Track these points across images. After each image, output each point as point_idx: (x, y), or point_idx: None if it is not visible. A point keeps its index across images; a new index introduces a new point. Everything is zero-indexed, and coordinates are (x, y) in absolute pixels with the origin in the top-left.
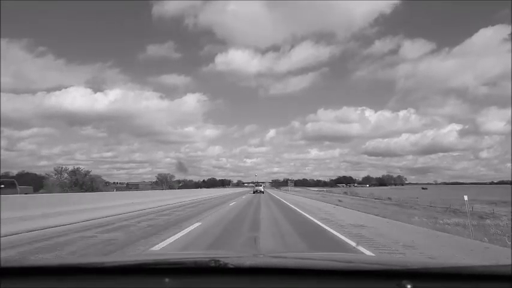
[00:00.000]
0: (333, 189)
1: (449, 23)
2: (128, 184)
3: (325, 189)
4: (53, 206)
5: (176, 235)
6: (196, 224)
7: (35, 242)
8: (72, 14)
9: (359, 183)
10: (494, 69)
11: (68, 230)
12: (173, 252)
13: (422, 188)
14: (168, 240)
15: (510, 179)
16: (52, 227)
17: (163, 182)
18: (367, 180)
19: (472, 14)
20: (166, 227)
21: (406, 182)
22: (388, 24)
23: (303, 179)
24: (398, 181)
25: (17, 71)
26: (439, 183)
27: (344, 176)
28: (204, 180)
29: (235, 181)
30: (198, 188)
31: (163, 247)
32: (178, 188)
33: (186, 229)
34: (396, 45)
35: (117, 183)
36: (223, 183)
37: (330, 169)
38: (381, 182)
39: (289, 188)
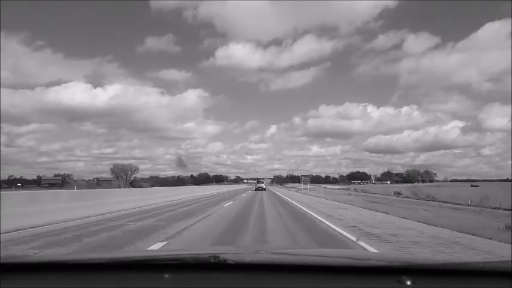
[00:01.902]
0: (365, 187)
1: (456, 16)
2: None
3: (352, 188)
4: None
5: None
6: None
7: None
8: (69, 7)
9: (378, 180)
10: (498, 65)
11: None
12: (173, 249)
13: (472, 186)
14: None
15: (511, 177)
16: None
17: (121, 177)
18: (388, 177)
19: (480, 7)
20: None
21: (436, 178)
22: (393, 18)
23: (309, 174)
24: (426, 177)
25: (14, 65)
26: (449, 181)
27: (358, 171)
28: (192, 175)
29: (233, 177)
30: (179, 185)
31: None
32: (152, 186)
33: None
34: (400, 39)
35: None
36: (218, 179)
37: (331, 166)
38: (405, 178)
39: (302, 185)
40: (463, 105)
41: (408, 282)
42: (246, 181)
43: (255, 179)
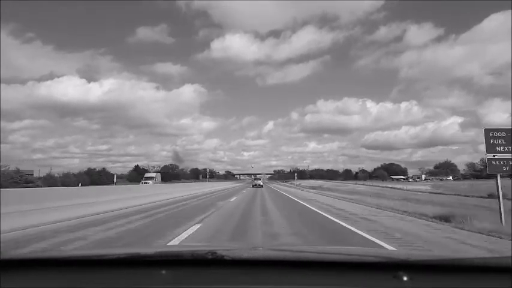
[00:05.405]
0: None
1: (460, 6)
2: None
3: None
4: None
5: None
6: None
7: None
8: None
9: (431, 174)
10: (501, 58)
11: None
12: (171, 245)
13: None
14: None
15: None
16: None
17: None
18: (447, 170)
19: None
20: None
21: None
22: (396, 9)
23: (319, 168)
24: None
25: (4, 58)
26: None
27: (391, 163)
28: (136, 167)
29: (222, 173)
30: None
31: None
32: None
33: None
34: (402, 30)
35: None
36: (198, 174)
37: (328, 162)
38: (479, 173)
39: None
40: (464, 100)
41: (405, 278)
42: (239, 177)
43: (251, 174)
